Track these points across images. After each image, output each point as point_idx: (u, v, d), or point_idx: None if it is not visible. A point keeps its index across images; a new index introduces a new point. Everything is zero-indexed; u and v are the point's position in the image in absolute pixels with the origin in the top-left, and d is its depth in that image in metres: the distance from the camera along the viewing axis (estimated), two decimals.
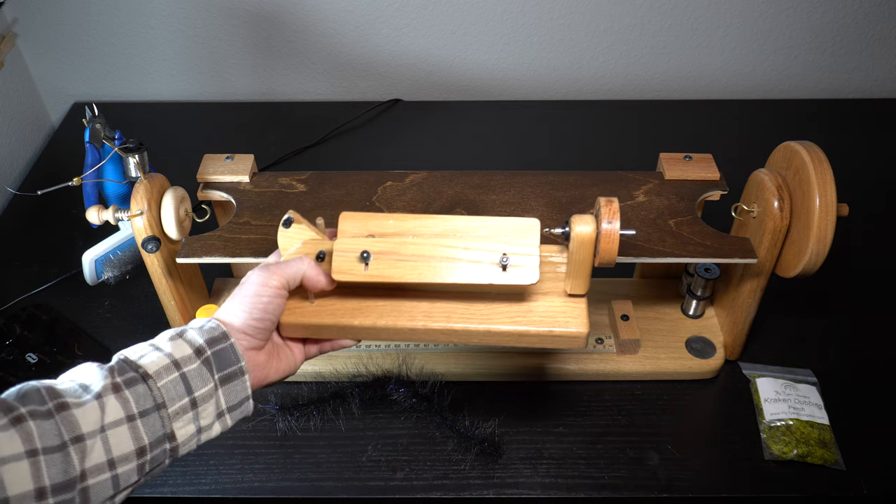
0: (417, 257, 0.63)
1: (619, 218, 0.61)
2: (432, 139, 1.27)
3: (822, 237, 0.72)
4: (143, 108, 1.34)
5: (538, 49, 1.31)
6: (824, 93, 1.37)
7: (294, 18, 1.26)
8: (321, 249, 0.65)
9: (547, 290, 0.66)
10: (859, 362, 0.90)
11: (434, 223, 0.64)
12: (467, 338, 0.65)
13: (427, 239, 0.63)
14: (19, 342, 0.90)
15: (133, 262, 0.89)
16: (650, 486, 0.78)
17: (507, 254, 0.62)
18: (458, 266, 0.62)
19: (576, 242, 0.62)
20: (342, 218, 0.65)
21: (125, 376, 0.54)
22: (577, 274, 0.64)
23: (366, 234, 0.64)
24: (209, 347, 0.57)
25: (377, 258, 0.63)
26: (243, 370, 0.59)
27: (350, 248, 0.63)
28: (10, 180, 1.20)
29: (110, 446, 0.51)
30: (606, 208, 0.62)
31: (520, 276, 0.62)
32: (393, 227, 0.64)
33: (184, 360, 0.56)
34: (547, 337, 0.64)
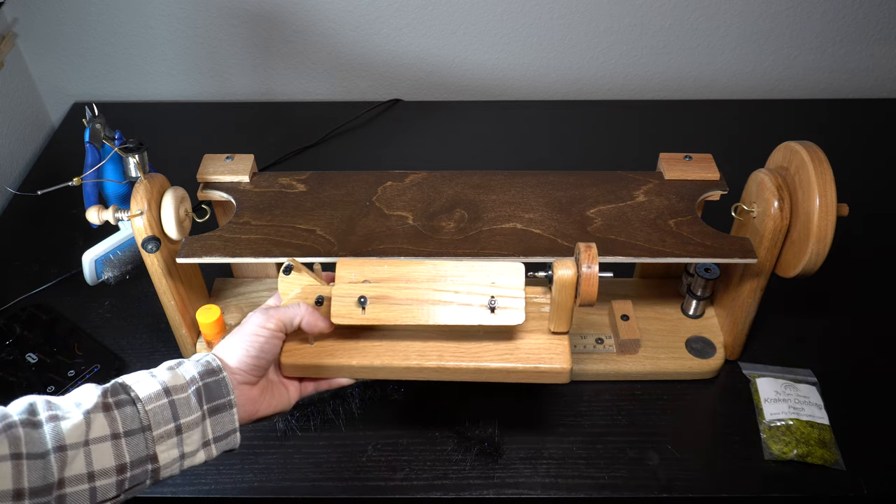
0: (411, 301, 0.68)
1: (597, 262, 0.66)
2: (432, 139, 1.27)
3: (822, 237, 0.72)
4: (143, 108, 1.34)
5: (538, 49, 1.31)
6: (824, 93, 1.37)
7: (294, 18, 1.26)
8: (319, 294, 0.70)
9: (532, 328, 0.71)
10: (859, 362, 0.90)
11: (426, 269, 0.69)
12: (458, 375, 0.70)
13: (420, 283, 0.68)
14: (19, 342, 0.90)
15: (133, 262, 0.89)
16: (650, 486, 0.78)
17: (494, 297, 0.67)
18: (449, 308, 0.67)
19: (558, 285, 0.67)
20: (339, 264, 0.70)
21: (117, 397, 0.58)
22: (559, 314, 0.69)
23: (362, 279, 0.69)
24: (202, 379, 0.61)
25: (373, 302, 0.67)
26: (232, 403, 0.62)
27: (348, 294, 0.68)
28: (10, 180, 1.20)
29: (92, 460, 0.55)
30: (586, 253, 0.66)
31: (507, 317, 0.67)
32: (387, 272, 0.69)
33: (175, 388, 0.60)
34: (533, 373, 0.69)
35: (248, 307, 0.93)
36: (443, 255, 0.78)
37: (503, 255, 0.78)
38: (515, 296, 0.67)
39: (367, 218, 0.83)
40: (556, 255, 0.78)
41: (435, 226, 0.82)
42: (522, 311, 0.67)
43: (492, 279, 0.68)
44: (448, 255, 0.78)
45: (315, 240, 0.80)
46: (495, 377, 0.70)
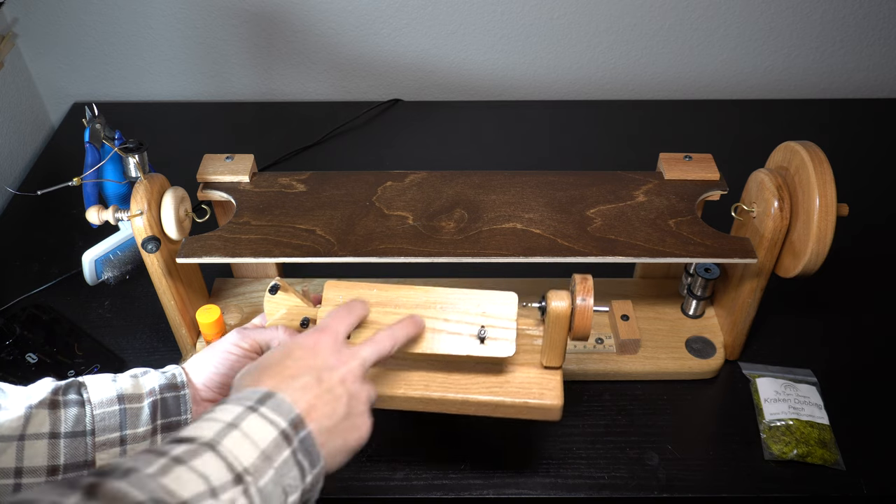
0: None
1: (592, 294, 0.64)
2: (432, 139, 1.27)
3: (822, 237, 0.72)
4: (143, 108, 1.34)
5: (538, 49, 1.31)
6: (824, 93, 1.37)
7: (294, 18, 1.26)
8: (305, 316, 0.68)
9: (524, 361, 0.68)
10: (859, 362, 0.90)
11: (416, 294, 0.67)
12: (445, 407, 0.67)
13: (408, 309, 0.66)
14: (19, 342, 0.90)
15: (133, 262, 0.89)
16: (650, 486, 0.78)
17: (485, 326, 0.64)
18: (438, 337, 0.65)
19: (551, 317, 0.65)
20: (327, 286, 0.68)
21: (67, 396, 0.56)
22: (552, 347, 0.66)
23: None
24: (161, 392, 0.59)
25: (359, 327, 0.65)
26: (187, 423, 0.59)
27: None
28: (10, 180, 1.20)
29: (23, 455, 0.53)
30: (581, 285, 0.65)
31: (497, 348, 0.64)
32: (376, 296, 0.67)
33: (131, 397, 0.58)
34: (522, 408, 0.67)
35: (248, 307, 0.93)
36: (443, 255, 0.78)
37: (503, 254, 0.78)
38: (506, 327, 0.65)
39: (367, 218, 0.83)
40: (556, 255, 0.78)
41: (435, 226, 0.82)
42: (513, 343, 0.65)
43: (483, 308, 0.66)
44: (448, 255, 0.78)
45: (315, 240, 0.80)
46: (482, 410, 0.68)
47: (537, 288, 0.94)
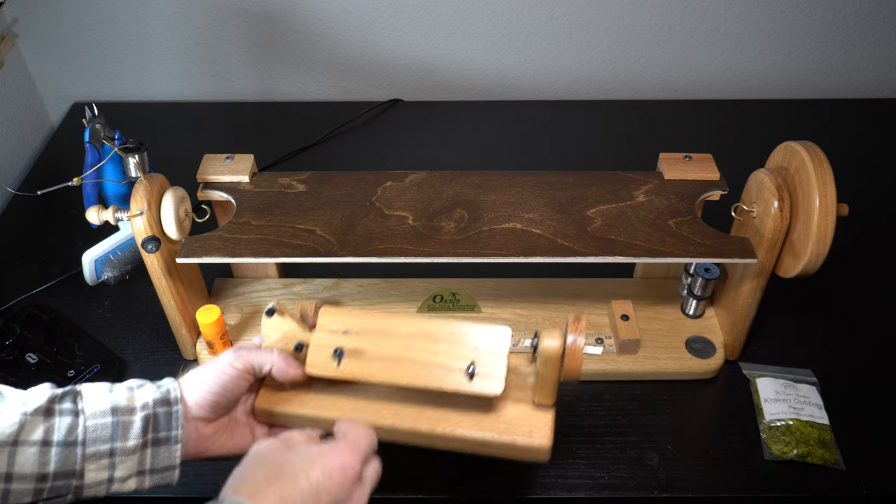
0: (388, 358, 0.65)
1: (584, 334, 0.63)
2: (432, 139, 1.27)
3: (822, 237, 0.72)
4: (143, 108, 1.34)
5: (538, 49, 1.31)
6: (824, 93, 1.37)
7: (294, 18, 1.26)
8: (300, 340, 0.67)
9: (516, 397, 0.67)
10: (859, 362, 0.90)
11: (409, 323, 0.66)
12: (433, 441, 0.66)
13: (400, 340, 0.65)
14: (19, 342, 0.90)
15: (133, 262, 0.89)
16: (650, 486, 0.78)
17: (475, 362, 0.63)
18: (427, 370, 0.64)
19: (542, 356, 0.63)
20: (322, 312, 0.67)
21: (63, 405, 0.57)
22: (544, 385, 0.65)
23: (342, 329, 0.66)
24: (154, 407, 0.60)
25: (350, 355, 0.65)
26: (177, 438, 0.60)
27: (325, 343, 0.66)
28: (10, 180, 1.20)
29: (14, 461, 0.53)
30: (574, 325, 0.63)
31: (485, 385, 0.63)
32: (369, 324, 0.66)
33: (124, 410, 0.58)
34: (511, 446, 0.65)
35: (248, 307, 0.93)
36: (443, 255, 0.78)
37: (503, 254, 0.78)
38: (497, 363, 0.63)
39: (367, 218, 0.83)
40: (556, 255, 0.78)
41: (435, 226, 0.82)
42: (502, 381, 0.63)
43: (475, 343, 0.64)
44: (448, 255, 0.78)
45: (315, 240, 0.80)
46: (470, 447, 0.66)
47: (537, 288, 0.95)
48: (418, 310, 0.93)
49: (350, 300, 0.94)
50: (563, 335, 0.63)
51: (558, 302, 0.93)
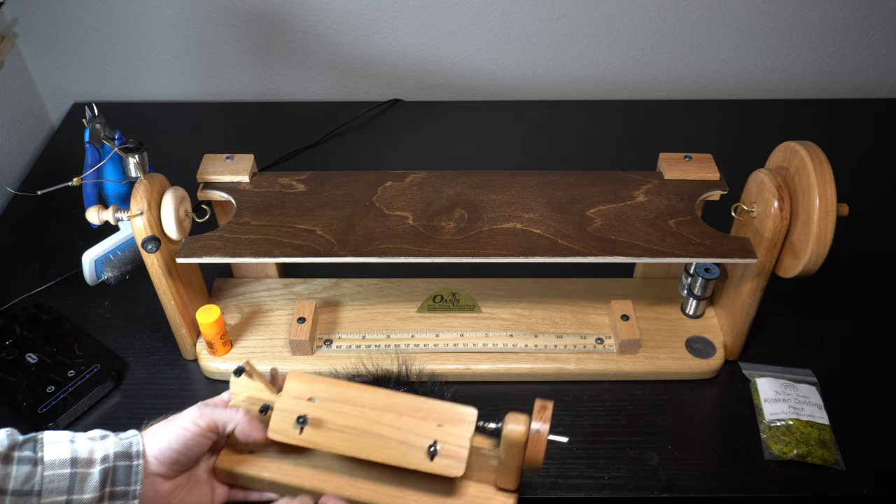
0: (351, 429, 0.64)
1: (549, 422, 0.62)
2: (432, 139, 1.27)
3: (822, 237, 0.72)
4: (143, 108, 1.34)
5: (538, 49, 1.31)
6: (824, 93, 1.37)
7: (294, 18, 1.26)
8: (265, 403, 0.67)
9: (478, 477, 0.66)
10: (859, 362, 0.90)
11: (376, 396, 0.65)
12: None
13: (366, 411, 0.64)
14: (19, 342, 0.90)
15: (133, 262, 0.89)
16: (650, 486, 0.78)
17: (437, 441, 0.62)
18: (388, 445, 0.63)
19: (506, 441, 0.62)
20: (290, 376, 0.67)
21: (22, 453, 0.57)
22: (506, 470, 0.64)
23: (308, 396, 0.65)
24: (115, 460, 0.59)
25: (313, 423, 0.64)
26: (135, 494, 0.60)
27: (289, 409, 0.65)
28: (10, 180, 1.20)
29: None
30: (539, 413, 0.62)
31: (445, 466, 0.62)
32: (336, 393, 0.66)
33: (83, 461, 0.58)
34: None
35: (248, 307, 0.93)
36: (443, 255, 0.78)
37: (503, 254, 0.78)
38: (460, 444, 0.62)
39: (367, 218, 0.83)
40: (556, 255, 0.78)
41: (435, 226, 0.82)
42: (463, 464, 0.62)
43: (440, 421, 0.63)
44: (448, 255, 0.78)
45: (315, 240, 0.80)
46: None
47: (537, 288, 0.95)
48: (418, 310, 0.93)
49: (350, 300, 0.94)
50: (528, 422, 0.62)
51: (558, 302, 0.93)
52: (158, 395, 0.87)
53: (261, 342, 0.89)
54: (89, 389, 0.85)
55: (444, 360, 0.87)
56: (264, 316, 0.92)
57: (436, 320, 0.91)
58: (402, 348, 0.88)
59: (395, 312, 0.92)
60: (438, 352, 0.88)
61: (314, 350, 0.88)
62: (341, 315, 0.92)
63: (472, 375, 0.87)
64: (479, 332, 0.90)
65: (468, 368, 0.87)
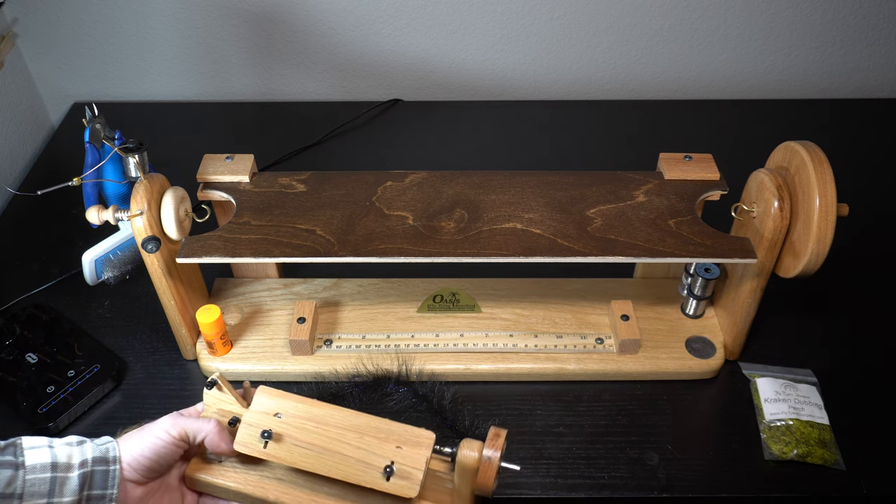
0: (313, 446, 0.66)
1: (501, 451, 0.64)
2: (432, 139, 1.27)
3: (822, 237, 0.72)
4: (143, 108, 1.34)
5: (538, 49, 1.31)
6: (824, 93, 1.37)
7: (294, 18, 1.26)
8: (234, 416, 0.69)
9: (435, 499, 0.68)
10: (859, 362, 0.90)
11: (341, 416, 0.67)
12: None
13: (329, 429, 0.67)
14: (19, 342, 0.90)
15: (133, 262, 0.89)
16: (650, 486, 0.78)
17: (394, 462, 0.64)
18: (346, 462, 0.65)
19: (459, 466, 0.65)
20: (259, 391, 0.69)
21: (3, 457, 0.58)
22: (460, 494, 0.67)
23: (274, 411, 0.68)
24: (93, 465, 0.61)
25: (276, 439, 0.66)
26: (112, 498, 0.62)
27: (256, 423, 0.67)
28: (10, 180, 1.20)
29: None
30: (492, 441, 0.64)
31: (400, 487, 0.64)
32: (301, 410, 0.68)
33: (63, 466, 0.60)
34: None
35: (248, 307, 0.93)
36: (443, 255, 0.78)
37: (503, 254, 0.78)
38: (415, 466, 0.64)
39: (367, 218, 0.83)
40: (556, 255, 0.78)
41: (435, 226, 0.82)
42: (417, 485, 0.64)
43: (400, 443, 0.66)
44: (448, 255, 0.78)
45: (315, 240, 0.80)
46: None
47: (537, 288, 0.95)
48: (418, 310, 0.93)
49: (350, 300, 0.94)
50: (482, 449, 0.64)
51: (558, 302, 0.93)
52: (158, 395, 0.87)
53: (261, 342, 0.89)
54: (89, 389, 0.85)
55: (444, 360, 0.87)
56: (264, 316, 0.92)
57: (436, 320, 0.91)
58: (402, 348, 0.88)
59: (395, 312, 0.92)
60: (438, 352, 0.88)
61: (314, 350, 0.88)
62: (341, 315, 0.92)
63: (472, 375, 0.87)
64: (479, 332, 0.90)
65: (468, 368, 0.87)
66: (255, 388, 0.71)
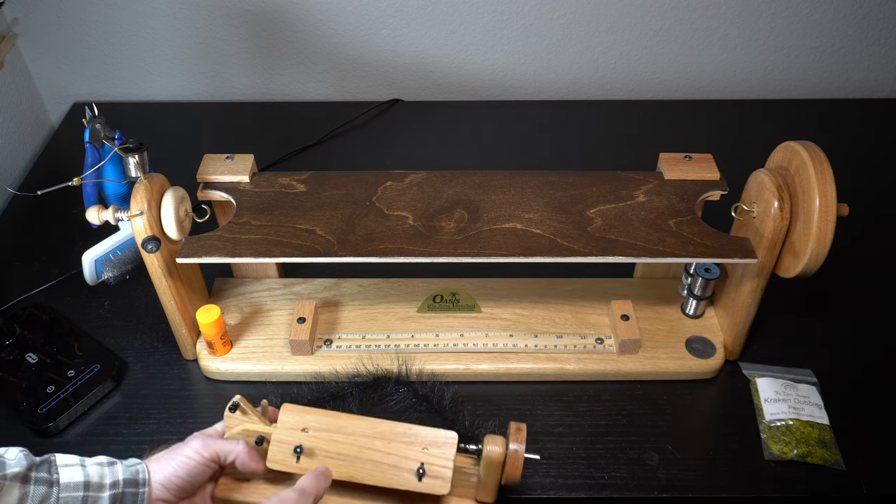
0: (344, 456, 0.69)
1: (524, 443, 0.69)
2: (432, 139, 1.27)
3: (822, 237, 0.72)
4: (143, 108, 1.34)
5: (538, 49, 1.31)
6: (824, 93, 1.37)
7: (294, 18, 1.26)
8: (260, 435, 0.71)
9: (459, 493, 0.72)
10: (859, 362, 0.90)
11: (365, 425, 0.71)
12: None
13: (356, 438, 0.70)
14: (19, 342, 0.90)
15: (133, 262, 0.89)
16: (650, 486, 0.78)
17: (424, 464, 0.68)
18: (380, 468, 0.69)
19: (485, 461, 0.69)
20: (283, 409, 0.71)
21: (39, 473, 0.60)
22: (485, 486, 0.71)
23: (302, 427, 0.70)
24: (124, 486, 0.63)
25: (308, 453, 0.69)
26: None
27: (286, 440, 0.69)
28: (10, 180, 1.20)
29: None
30: (515, 435, 0.69)
31: (433, 486, 0.68)
32: (326, 423, 0.71)
33: (95, 486, 0.62)
34: None
35: (248, 307, 0.93)
36: (443, 255, 0.78)
37: (503, 254, 0.78)
38: (444, 465, 0.69)
39: (367, 218, 0.83)
40: (556, 255, 0.78)
41: (435, 226, 0.82)
42: (448, 482, 0.68)
43: (425, 445, 0.70)
44: (448, 255, 0.78)
45: (315, 240, 0.80)
46: None
47: (537, 288, 0.95)
48: (418, 310, 0.93)
49: (350, 300, 0.94)
50: (506, 443, 0.69)
51: (558, 302, 0.93)
52: (158, 395, 0.87)
53: (261, 342, 0.89)
54: (89, 389, 0.85)
55: (444, 360, 0.87)
56: (264, 316, 0.92)
57: (436, 320, 0.91)
58: (402, 348, 0.88)
59: (395, 312, 0.92)
60: (438, 352, 0.88)
61: (314, 350, 0.88)
62: (341, 315, 0.92)
63: (472, 375, 0.87)
64: (479, 332, 0.90)
65: (468, 368, 0.87)
66: (272, 407, 0.74)
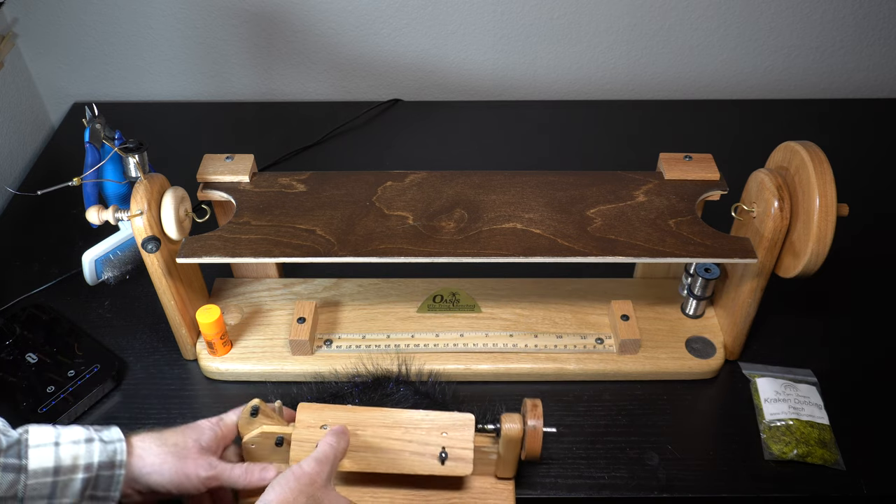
0: (367, 447, 0.71)
1: (542, 418, 0.71)
2: (432, 139, 1.27)
3: (822, 237, 0.72)
4: (143, 108, 1.34)
5: (538, 49, 1.31)
6: (824, 93, 1.37)
7: (294, 18, 1.26)
8: (279, 436, 0.72)
9: (479, 471, 0.75)
10: (859, 362, 0.90)
11: (382, 415, 0.72)
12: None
13: (375, 430, 0.72)
14: (19, 342, 0.90)
15: (133, 262, 0.89)
16: (650, 486, 0.78)
17: (445, 447, 0.70)
18: (402, 456, 0.71)
19: (504, 438, 0.71)
20: (300, 408, 0.72)
21: (7, 460, 0.59)
22: (505, 462, 0.74)
23: (320, 424, 0.71)
24: (98, 470, 0.62)
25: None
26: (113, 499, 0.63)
27: (307, 438, 0.70)
28: (10, 180, 1.20)
29: None
30: (532, 411, 0.71)
31: (456, 468, 0.70)
32: (344, 418, 0.72)
33: (66, 469, 0.60)
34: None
35: (248, 307, 0.93)
36: (443, 255, 0.78)
37: (503, 254, 0.78)
38: (465, 447, 0.71)
39: (367, 218, 0.83)
40: (556, 255, 0.78)
41: (435, 226, 0.82)
42: (471, 463, 0.70)
43: (444, 430, 0.71)
44: (448, 255, 0.78)
45: (315, 240, 0.80)
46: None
47: (537, 288, 0.95)
48: (418, 310, 0.93)
49: (350, 300, 0.94)
50: (523, 420, 0.71)
51: (558, 302, 0.93)
52: (158, 395, 0.87)
53: (261, 342, 0.89)
54: (89, 389, 0.85)
55: (444, 360, 0.87)
56: (264, 316, 0.92)
57: (436, 320, 0.91)
58: (402, 348, 0.88)
59: (395, 312, 0.92)
60: (438, 352, 0.88)
61: (314, 350, 0.88)
62: (341, 315, 0.92)
63: (472, 375, 0.87)
64: (479, 332, 0.90)
65: (468, 368, 0.87)
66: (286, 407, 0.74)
